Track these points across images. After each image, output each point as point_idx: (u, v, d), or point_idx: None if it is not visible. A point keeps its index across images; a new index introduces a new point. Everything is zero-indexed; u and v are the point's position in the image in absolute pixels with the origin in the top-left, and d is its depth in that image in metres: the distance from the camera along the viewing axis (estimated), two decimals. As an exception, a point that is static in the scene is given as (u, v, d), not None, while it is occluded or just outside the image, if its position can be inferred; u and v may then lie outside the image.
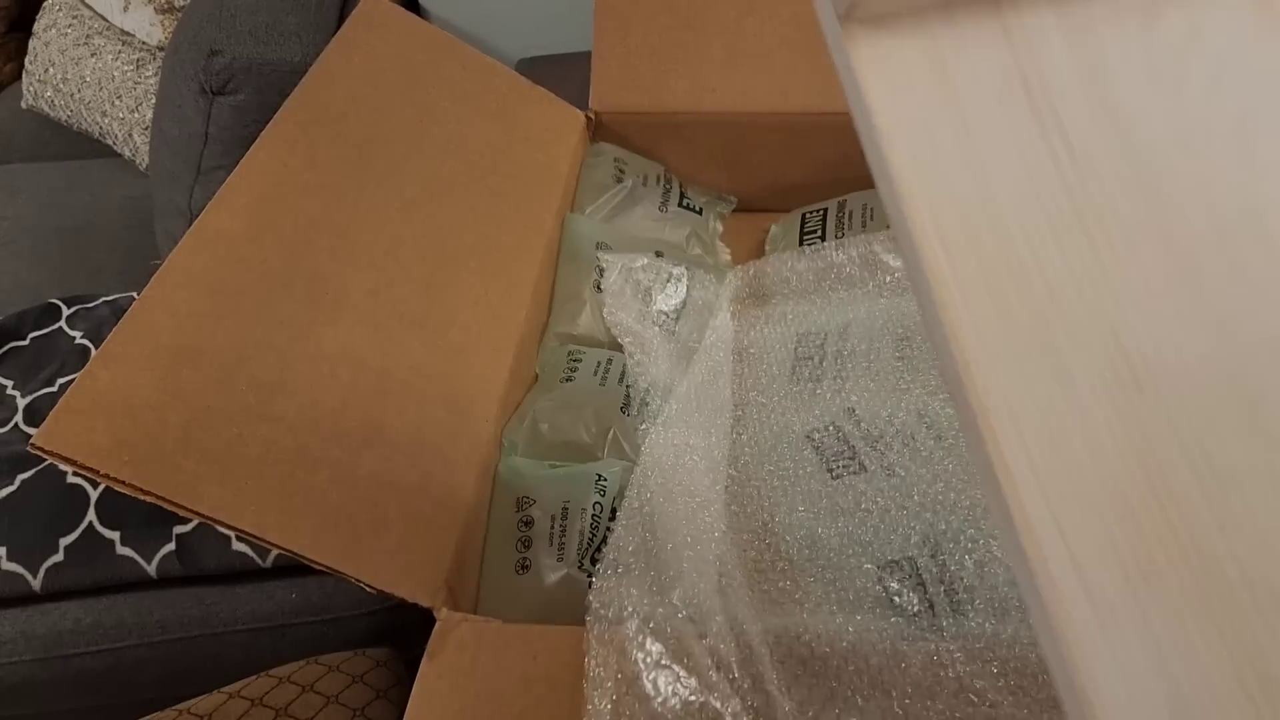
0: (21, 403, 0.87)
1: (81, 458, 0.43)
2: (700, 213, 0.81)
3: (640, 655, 0.46)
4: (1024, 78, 0.24)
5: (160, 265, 0.51)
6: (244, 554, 0.77)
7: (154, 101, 1.20)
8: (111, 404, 0.45)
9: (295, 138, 0.60)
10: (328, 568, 0.47)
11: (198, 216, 0.54)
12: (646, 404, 0.64)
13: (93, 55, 1.32)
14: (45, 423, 0.43)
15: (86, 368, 0.46)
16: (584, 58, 0.80)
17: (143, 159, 1.31)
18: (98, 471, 0.43)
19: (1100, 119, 0.23)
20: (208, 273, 0.52)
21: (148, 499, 0.45)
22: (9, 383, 0.90)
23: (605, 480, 0.58)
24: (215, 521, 0.45)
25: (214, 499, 0.46)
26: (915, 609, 0.49)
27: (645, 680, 0.45)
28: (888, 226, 0.58)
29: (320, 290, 0.55)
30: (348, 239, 0.58)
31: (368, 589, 0.48)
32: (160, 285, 0.50)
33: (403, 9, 0.72)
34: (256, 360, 0.51)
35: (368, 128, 0.64)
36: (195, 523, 0.76)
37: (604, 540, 0.56)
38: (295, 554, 0.47)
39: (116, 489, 0.44)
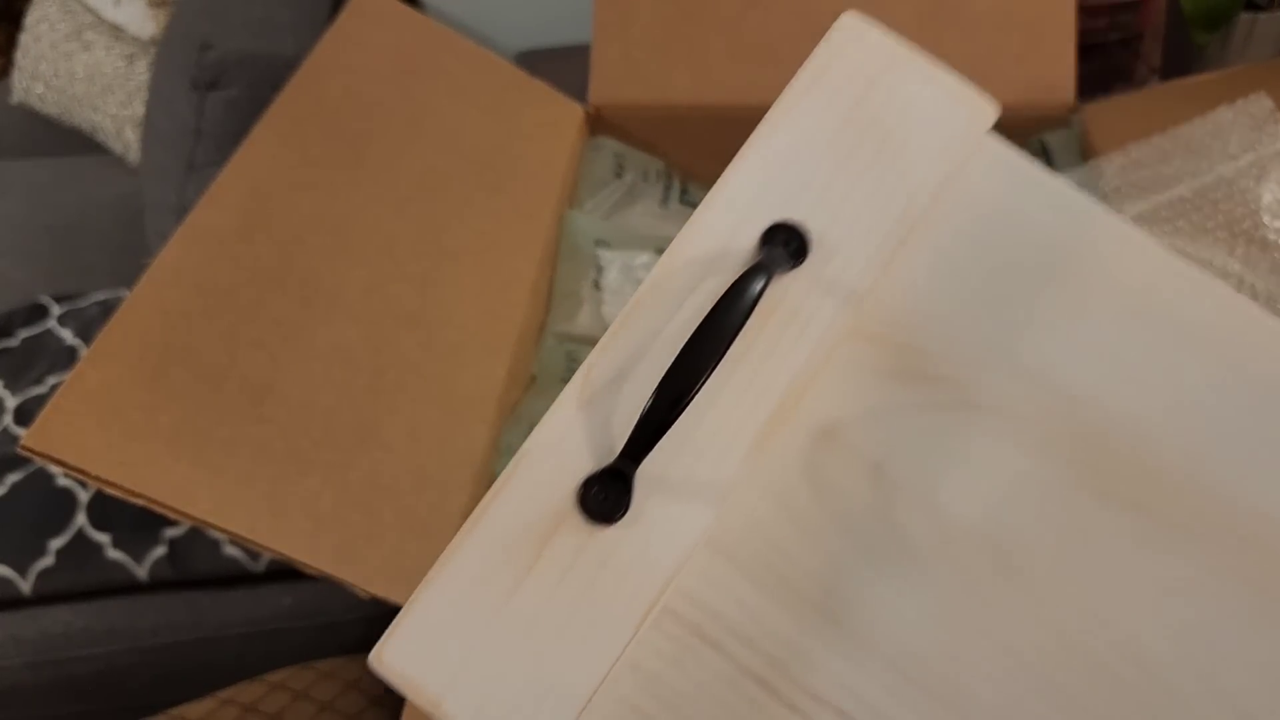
0: (11, 403, 0.86)
1: (71, 459, 0.42)
2: (701, 209, 0.80)
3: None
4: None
5: (151, 263, 0.50)
6: (236, 558, 0.76)
7: (146, 96, 1.19)
8: (101, 405, 0.44)
9: (288, 133, 0.59)
10: (321, 572, 0.46)
11: (189, 213, 0.53)
12: (647, 404, 0.63)
13: (84, 49, 1.30)
14: (34, 424, 0.42)
15: (76, 368, 0.45)
16: (584, 50, 0.79)
17: (134, 155, 1.29)
18: (87, 473, 0.43)
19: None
20: (199, 271, 0.51)
21: (138, 502, 0.44)
22: (-2, 382, 0.88)
23: (605, 482, 0.57)
24: (206, 525, 0.45)
25: (205, 502, 0.45)
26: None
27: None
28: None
29: (313, 289, 0.54)
30: (341, 236, 0.57)
31: (362, 594, 0.47)
32: (151, 283, 0.49)
33: (398, 1, 0.71)
34: (248, 360, 0.50)
35: (362, 122, 0.63)
36: (187, 526, 0.75)
37: (604, 543, 0.55)
38: (288, 558, 0.46)
39: (107, 491, 0.44)
